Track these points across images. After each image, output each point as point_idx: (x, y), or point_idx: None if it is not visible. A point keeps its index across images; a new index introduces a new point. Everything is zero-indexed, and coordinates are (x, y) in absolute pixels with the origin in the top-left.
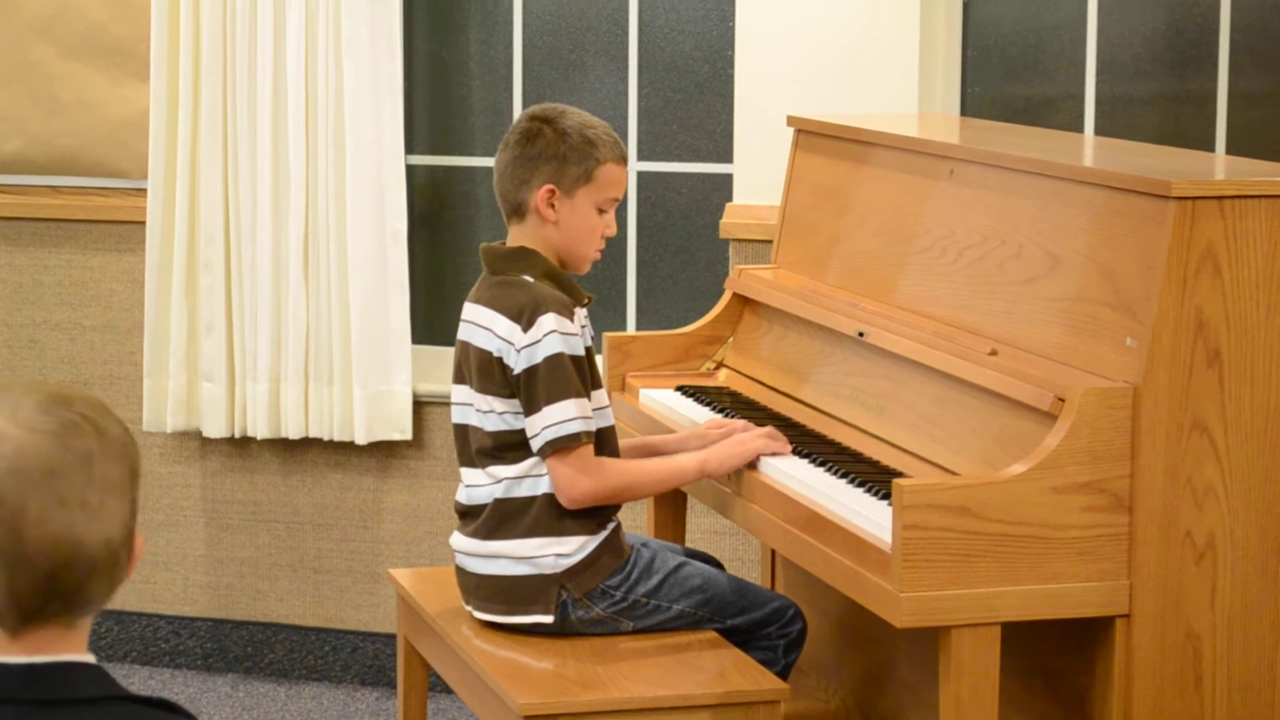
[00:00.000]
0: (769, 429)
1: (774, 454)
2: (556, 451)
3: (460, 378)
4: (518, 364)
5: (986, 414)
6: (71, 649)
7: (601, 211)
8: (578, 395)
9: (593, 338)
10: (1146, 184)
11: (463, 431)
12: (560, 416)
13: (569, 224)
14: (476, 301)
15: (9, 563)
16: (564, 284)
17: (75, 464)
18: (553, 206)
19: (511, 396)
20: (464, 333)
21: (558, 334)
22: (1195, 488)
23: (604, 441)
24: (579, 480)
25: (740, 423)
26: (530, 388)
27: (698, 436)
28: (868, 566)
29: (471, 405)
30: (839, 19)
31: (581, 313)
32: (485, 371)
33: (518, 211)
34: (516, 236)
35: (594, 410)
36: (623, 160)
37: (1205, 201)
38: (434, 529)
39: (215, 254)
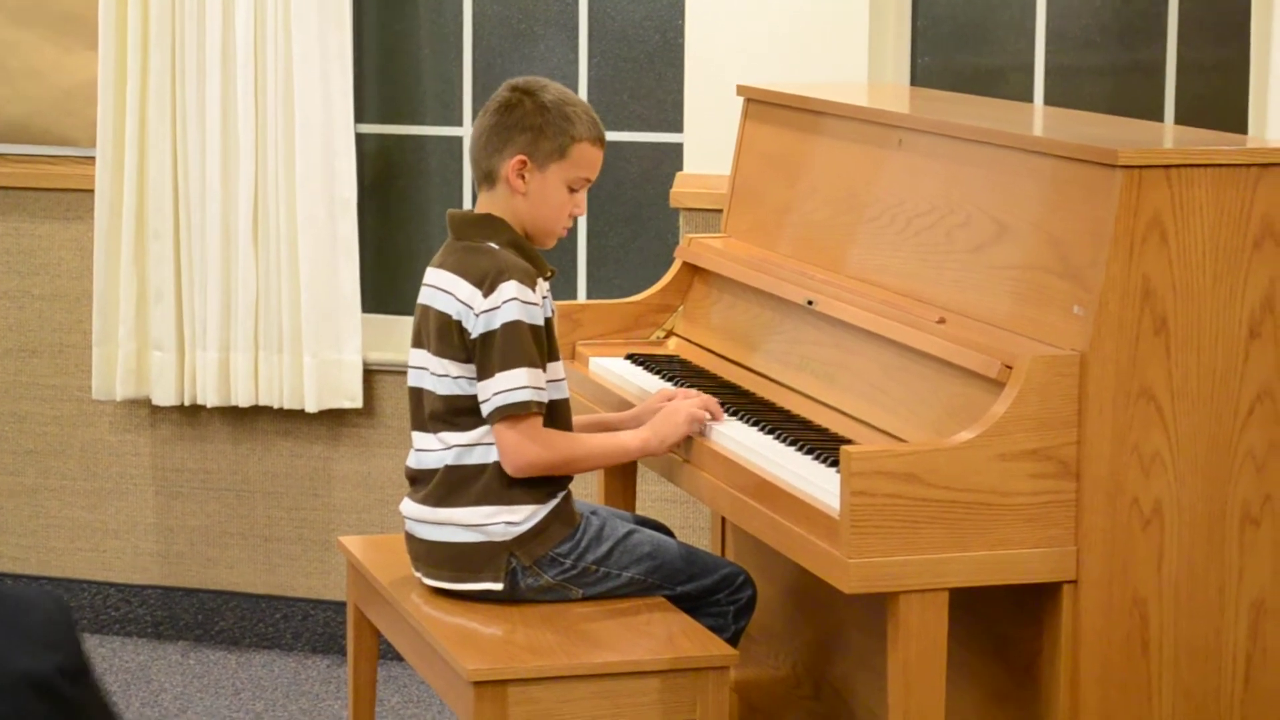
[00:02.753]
0: (704, 395)
1: (710, 418)
2: (505, 418)
3: (419, 342)
4: (475, 328)
5: (935, 382)
6: None
7: (572, 190)
8: (531, 365)
9: (553, 310)
10: (1094, 153)
11: (417, 395)
12: (511, 384)
13: (538, 197)
14: (440, 266)
15: None
16: (528, 254)
17: None
18: (523, 177)
19: (467, 361)
20: (424, 297)
21: (518, 301)
22: (1142, 454)
23: (558, 414)
24: (524, 449)
25: (691, 392)
26: (485, 353)
27: (651, 410)
28: (816, 533)
29: (427, 369)
30: None
31: (544, 285)
32: (444, 334)
33: (488, 179)
34: (485, 204)
35: (550, 382)
36: (599, 142)
37: (1152, 170)
38: (384, 497)
39: (164, 222)
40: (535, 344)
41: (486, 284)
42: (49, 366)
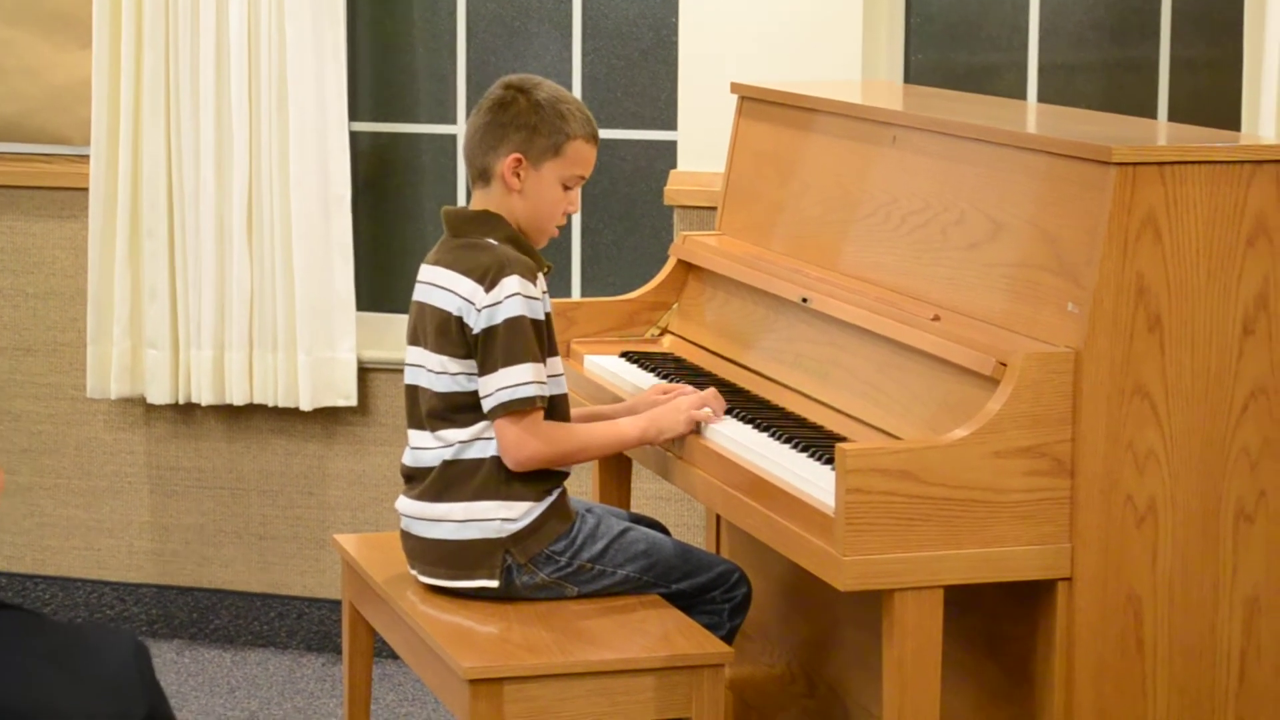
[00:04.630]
0: (710, 391)
1: (712, 415)
2: (509, 414)
3: (415, 339)
4: (477, 324)
5: (929, 379)
6: None
7: (566, 187)
8: (535, 360)
9: (550, 305)
10: (1088, 150)
11: (413, 393)
12: (516, 380)
13: (533, 195)
14: (436, 263)
15: None
16: (525, 250)
17: None
18: (518, 176)
19: (467, 357)
20: (420, 294)
21: (521, 296)
22: (1136, 452)
23: (556, 409)
24: (527, 443)
25: (685, 387)
26: (488, 348)
27: (646, 403)
28: (811, 530)
29: (424, 366)
30: None
31: (541, 279)
32: (443, 331)
33: (483, 177)
34: (480, 202)
35: (550, 377)
36: (593, 139)
37: (1146, 167)
38: (379, 495)
39: (159, 220)
40: (537, 339)
41: (489, 279)
42: (43, 365)
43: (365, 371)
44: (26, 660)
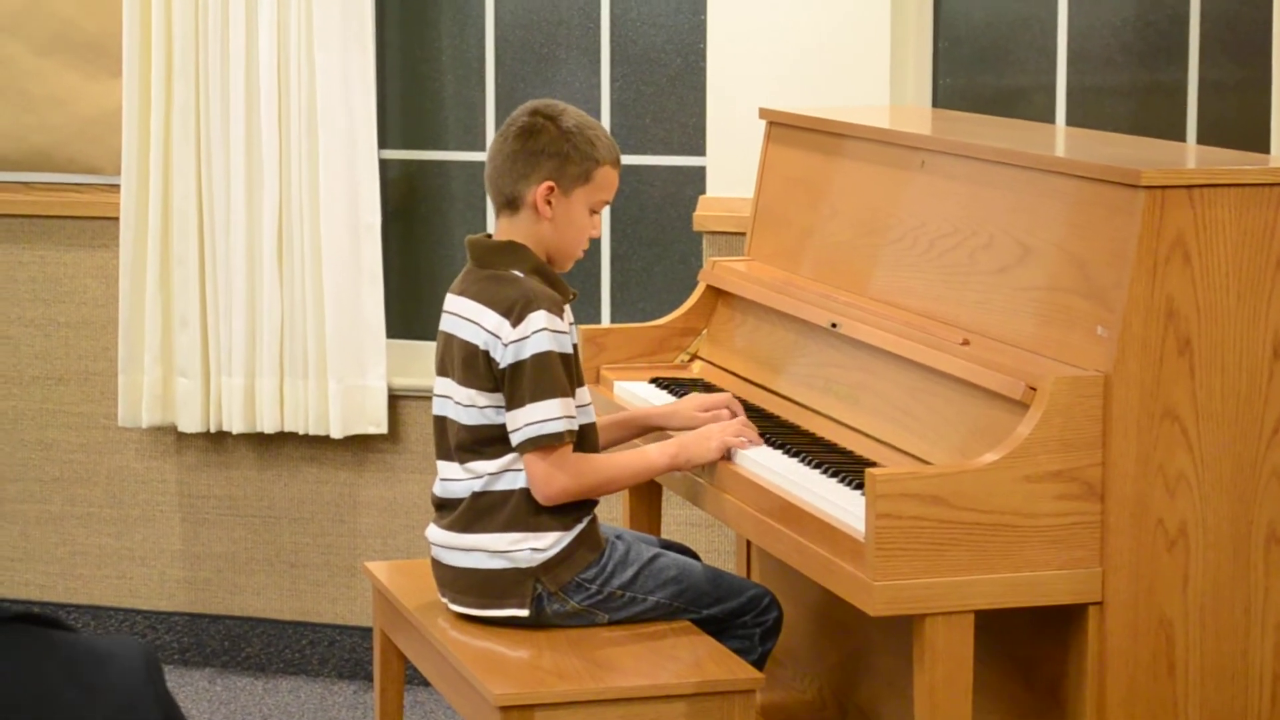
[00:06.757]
0: (741, 419)
1: (744, 446)
2: (537, 449)
3: (443, 370)
4: (504, 358)
5: (959, 403)
6: None
7: (592, 212)
8: (563, 395)
9: (576, 335)
10: (1117, 173)
11: (441, 424)
12: (544, 415)
13: (563, 221)
14: (462, 294)
15: None
16: (551, 280)
17: None
18: (550, 203)
19: (495, 390)
20: (447, 324)
21: (548, 331)
22: (1167, 475)
23: (584, 438)
24: (556, 478)
25: (725, 395)
26: (515, 383)
27: (684, 415)
28: (841, 555)
29: (451, 398)
30: (811, 11)
31: (568, 311)
32: (469, 364)
33: (511, 205)
34: (505, 230)
35: (578, 407)
36: (618, 164)
37: (1175, 190)
38: (410, 522)
39: (189, 249)
40: (565, 372)
41: (515, 314)
42: (75, 394)
43: (396, 399)
44: (37, 672)
